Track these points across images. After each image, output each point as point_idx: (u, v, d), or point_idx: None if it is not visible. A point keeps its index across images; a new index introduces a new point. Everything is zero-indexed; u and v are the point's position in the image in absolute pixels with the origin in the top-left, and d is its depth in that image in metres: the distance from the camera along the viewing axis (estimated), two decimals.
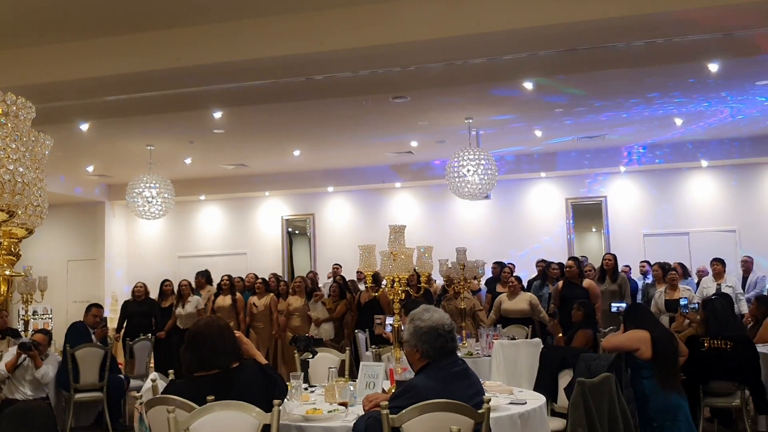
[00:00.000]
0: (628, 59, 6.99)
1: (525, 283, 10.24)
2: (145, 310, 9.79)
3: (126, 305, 10.03)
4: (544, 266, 10.14)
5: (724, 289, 9.07)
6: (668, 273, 8.96)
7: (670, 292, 8.62)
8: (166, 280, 10.53)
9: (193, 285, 10.58)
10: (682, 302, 7.67)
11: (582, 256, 11.71)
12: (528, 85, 8.10)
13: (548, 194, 13.67)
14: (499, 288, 9.38)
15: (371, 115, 9.76)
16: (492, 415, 3.33)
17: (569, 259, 8.87)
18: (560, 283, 8.75)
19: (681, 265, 10.17)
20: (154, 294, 10.47)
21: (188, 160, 12.28)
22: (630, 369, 5.53)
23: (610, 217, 13.32)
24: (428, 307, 3.49)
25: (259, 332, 9.81)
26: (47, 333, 7.74)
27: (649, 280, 10.32)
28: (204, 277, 11.11)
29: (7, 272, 1.70)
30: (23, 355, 6.98)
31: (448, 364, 3.31)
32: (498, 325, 7.49)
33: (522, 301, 8.31)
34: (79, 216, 14.67)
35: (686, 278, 9.91)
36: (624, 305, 8.31)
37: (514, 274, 9.01)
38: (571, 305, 8.07)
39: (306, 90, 7.63)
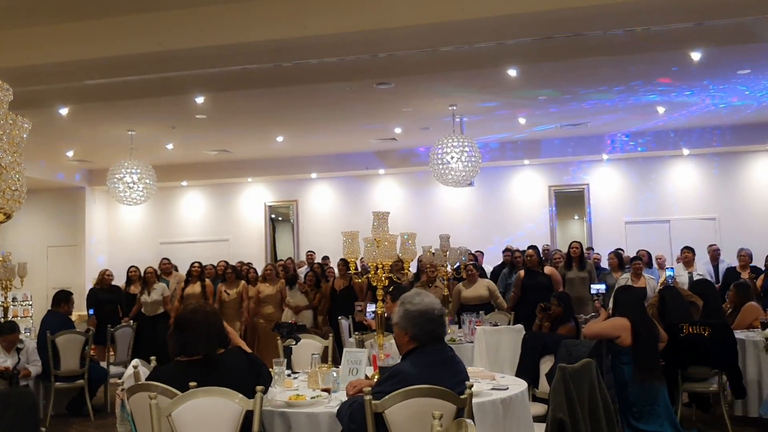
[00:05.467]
0: (611, 47, 7.01)
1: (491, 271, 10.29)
2: (111, 297, 9.64)
3: (94, 292, 9.83)
4: (510, 255, 10.18)
5: (695, 277, 9.17)
6: (633, 261, 9.01)
7: (634, 279, 8.70)
8: (132, 266, 10.39)
9: (159, 271, 10.47)
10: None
11: (545, 245, 11.71)
12: (512, 72, 8.10)
13: (531, 182, 13.72)
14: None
15: (355, 101, 9.72)
16: (474, 400, 3.35)
17: (528, 248, 8.83)
18: (521, 272, 8.75)
19: (648, 253, 10.23)
20: None
21: (170, 146, 12.17)
22: (611, 355, 5.60)
23: (593, 204, 13.41)
24: (419, 291, 3.48)
25: (229, 320, 9.72)
26: (12, 329, 7.30)
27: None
28: (170, 261, 11.03)
29: None
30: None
31: (435, 350, 3.32)
32: (481, 312, 7.50)
33: (480, 288, 8.33)
34: (60, 201, 14.53)
35: (650, 267, 9.98)
36: (603, 287, 8.35)
37: (471, 263, 8.97)
38: (533, 293, 8.11)
39: (289, 75, 7.57)
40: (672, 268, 9.52)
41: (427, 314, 3.30)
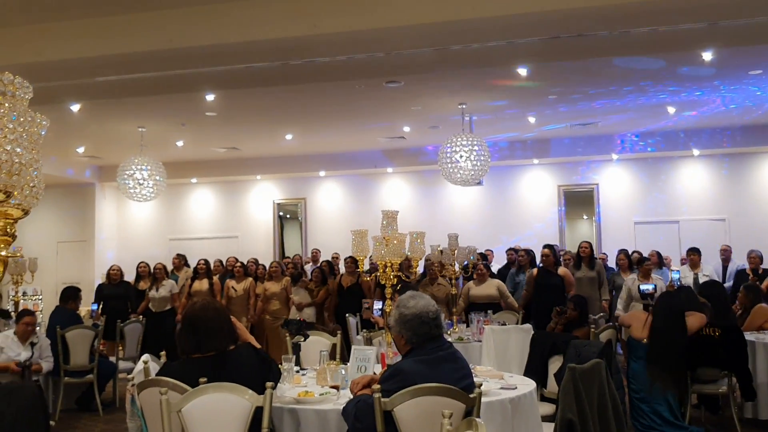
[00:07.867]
0: (621, 47, 6.99)
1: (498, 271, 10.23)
2: (120, 293, 9.70)
3: (101, 288, 9.93)
4: (514, 254, 10.12)
5: (701, 279, 9.13)
6: (644, 262, 8.95)
7: (642, 280, 8.66)
8: (142, 262, 10.44)
9: (169, 267, 10.54)
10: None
11: (554, 245, 11.64)
12: (522, 71, 8.08)
13: (541, 181, 13.69)
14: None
15: (364, 100, 9.73)
16: (483, 399, 3.36)
17: (544, 247, 8.67)
18: (535, 270, 8.69)
19: (658, 253, 10.20)
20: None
21: (180, 143, 12.22)
22: (629, 347, 5.72)
23: (602, 204, 13.37)
24: (414, 294, 3.48)
25: (236, 316, 9.75)
26: (30, 311, 7.43)
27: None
28: (182, 258, 11.10)
29: (3, 253, 1.70)
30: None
31: (433, 348, 3.32)
32: (489, 311, 7.49)
33: (490, 287, 8.30)
34: (70, 197, 14.60)
35: (660, 268, 9.94)
36: (652, 287, 8.09)
37: (482, 262, 8.93)
38: (546, 293, 8.10)
39: (299, 73, 7.58)
40: (678, 270, 9.46)
41: (420, 317, 3.32)
